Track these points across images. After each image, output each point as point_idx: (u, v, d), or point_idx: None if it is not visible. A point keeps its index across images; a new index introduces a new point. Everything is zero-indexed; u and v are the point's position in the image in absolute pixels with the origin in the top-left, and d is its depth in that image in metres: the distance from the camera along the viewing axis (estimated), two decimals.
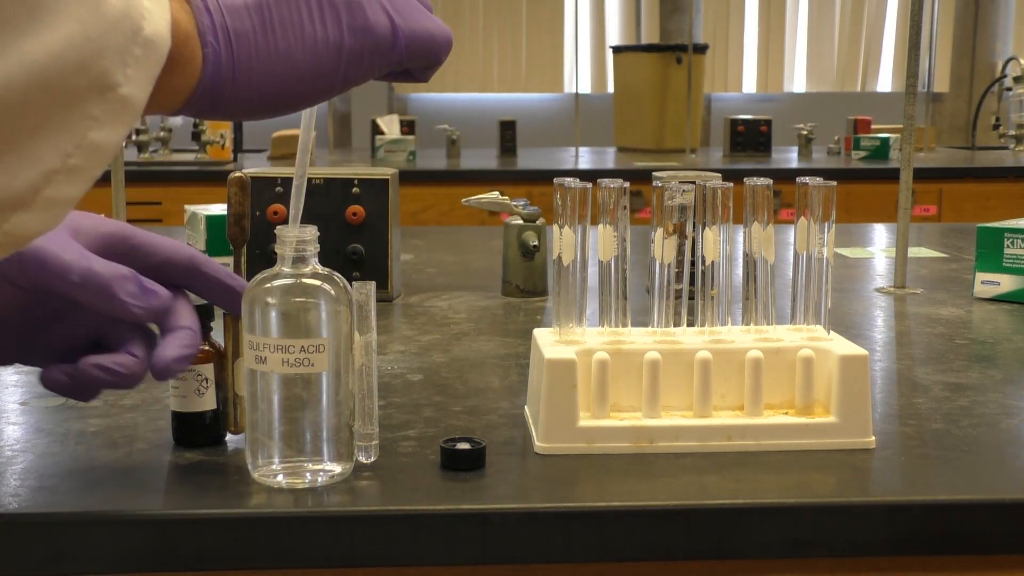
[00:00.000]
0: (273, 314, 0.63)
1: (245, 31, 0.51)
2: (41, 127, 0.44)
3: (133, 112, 0.46)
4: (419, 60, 0.57)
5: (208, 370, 0.70)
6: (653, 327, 0.75)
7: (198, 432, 0.71)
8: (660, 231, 0.73)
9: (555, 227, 0.73)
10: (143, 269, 0.62)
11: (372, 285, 0.66)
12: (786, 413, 0.73)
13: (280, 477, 0.64)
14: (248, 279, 0.65)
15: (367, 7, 0.54)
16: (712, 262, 0.74)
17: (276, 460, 0.64)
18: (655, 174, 1.00)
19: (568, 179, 0.72)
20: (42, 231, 0.46)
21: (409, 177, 3.01)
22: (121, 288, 0.58)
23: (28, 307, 0.61)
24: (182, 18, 0.50)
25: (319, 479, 0.64)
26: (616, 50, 4.31)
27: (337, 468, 0.65)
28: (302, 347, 0.62)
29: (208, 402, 0.70)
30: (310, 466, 0.64)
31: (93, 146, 0.45)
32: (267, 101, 0.53)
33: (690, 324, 0.76)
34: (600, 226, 0.73)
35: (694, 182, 0.74)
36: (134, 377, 0.61)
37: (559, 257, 0.73)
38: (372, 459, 0.67)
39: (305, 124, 0.63)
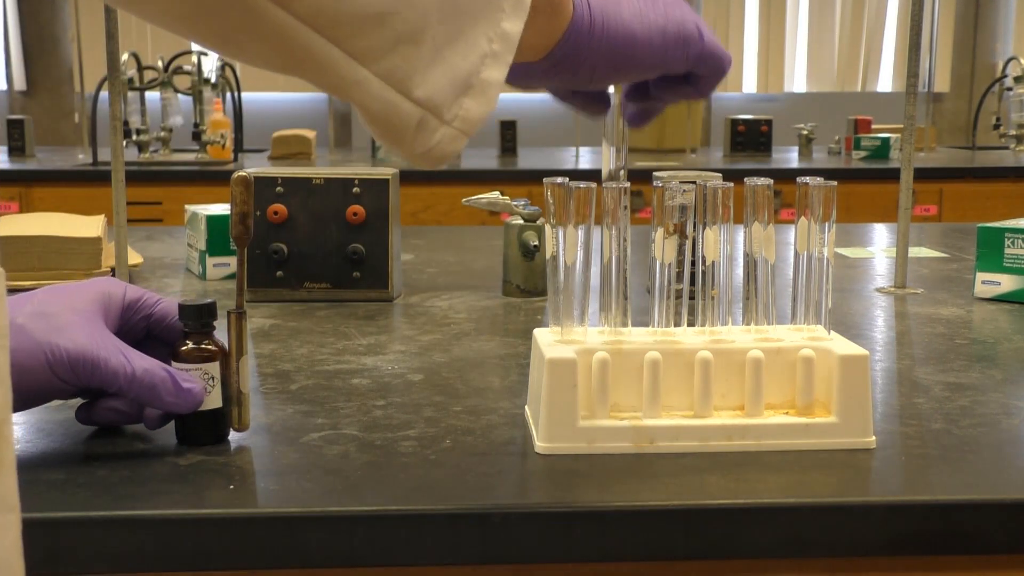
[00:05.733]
0: None
1: (601, 1, 0.64)
2: (474, 17, 0.55)
3: (524, 7, 0.56)
4: (709, 66, 0.68)
5: (214, 368, 0.70)
6: (653, 327, 0.75)
7: (203, 431, 0.71)
8: (660, 231, 0.73)
9: (547, 226, 0.73)
10: (152, 327, 0.73)
11: None
12: (786, 413, 0.73)
13: None
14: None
15: (681, 7, 0.67)
16: (712, 262, 0.74)
17: None
18: (655, 174, 1.00)
19: (558, 178, 0.73)
20: (483, 115, 0.56)
21: (409, 177, 3.01)
22: (164, 390, 0.68)
23: (71, 392, 0.70)
24: None
25: None
26: None
27: None
28: None
29: (214, 400, 0.70)
30: None
31: (505, 33, 0.56)
32: (612, 60, 0.64)
33: (690, 324, 0.76)
34: (585, 226, 0.73)
35: (694, 182, 0.74)
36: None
37: (557, 257, 0.73)
38: None
39: None
